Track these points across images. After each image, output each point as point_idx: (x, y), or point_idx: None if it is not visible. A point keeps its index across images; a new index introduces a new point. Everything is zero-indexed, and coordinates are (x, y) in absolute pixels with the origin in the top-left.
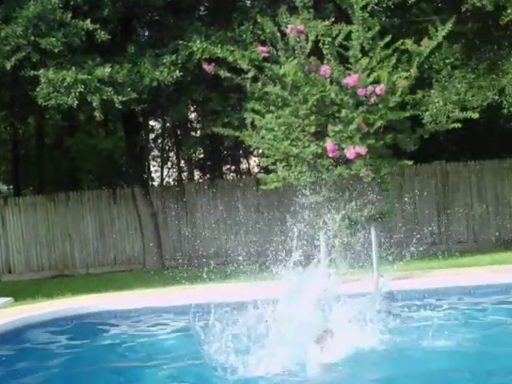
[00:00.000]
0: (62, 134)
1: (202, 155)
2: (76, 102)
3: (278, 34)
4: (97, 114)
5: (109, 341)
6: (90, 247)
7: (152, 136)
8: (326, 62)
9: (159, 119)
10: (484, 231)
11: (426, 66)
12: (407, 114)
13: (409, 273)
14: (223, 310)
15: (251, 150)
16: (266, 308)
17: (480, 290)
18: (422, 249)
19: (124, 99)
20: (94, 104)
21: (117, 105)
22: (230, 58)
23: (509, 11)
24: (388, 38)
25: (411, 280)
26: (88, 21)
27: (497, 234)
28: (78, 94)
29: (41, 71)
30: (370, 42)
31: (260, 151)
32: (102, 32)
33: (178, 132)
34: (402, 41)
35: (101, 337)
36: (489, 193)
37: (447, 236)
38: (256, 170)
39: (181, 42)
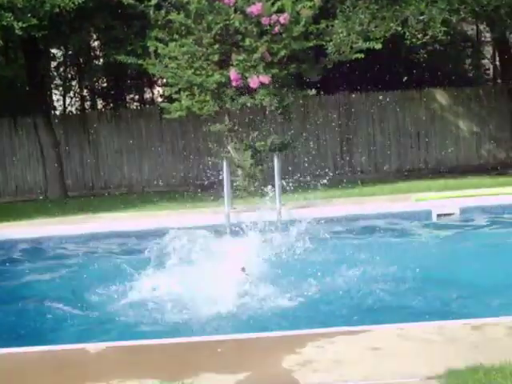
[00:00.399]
0: None
1: (105, 84)
2: None
3: None
4: None
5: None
6: None
7: (54, 64)
8: None
9: (61, 47)
10: (385, 161)
11: None
12: (311, 44)
13: (310, 202)
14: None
15: (155, 79)
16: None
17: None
18: (324, 179)
19: (24, 25)
20: None
21: (17, 31)
22: None
23: None
24: None
25: (312, 209)
26: None
27: (398, 163)
28: None
29: None
30: None
31: (164, 80)
32: None
33: (81, 60)
34: None
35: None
36: (391, 123)
37: (349, 166)
38: (160, 100)
39: None
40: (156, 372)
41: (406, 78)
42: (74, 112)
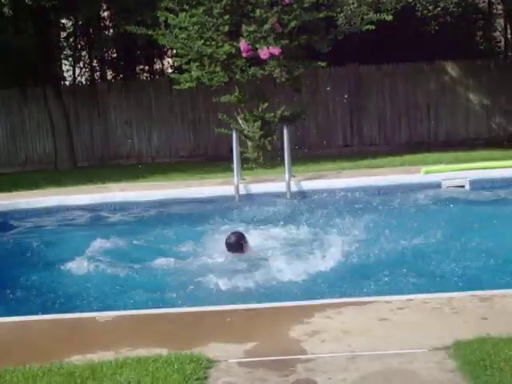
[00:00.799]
0: None
1: (114, 55)
2: None
3: None
4: (6, 10)
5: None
6: (1, 147)
7: (64, 34)
8: None
9: (71, 17)
10: (395, 134)
11: None
12: (322, 15)
13: (320, 173)
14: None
15: (165, 49)
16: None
17: (388, 189)
18: (334, 150)
19: None
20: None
21: (27, 1)
22: None
23: None
24: None
25: (321, 180)
26: None
27: (407, 136)
28: None
29: None
30: None
31: (174, 51)
32: None
33: (91, 31)
34: None
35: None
36: (401, 96)
37: (359, 138)
38: (170, 70)
39: None
40: (165, 341)
41: (416, 50)
42: (84, 83)
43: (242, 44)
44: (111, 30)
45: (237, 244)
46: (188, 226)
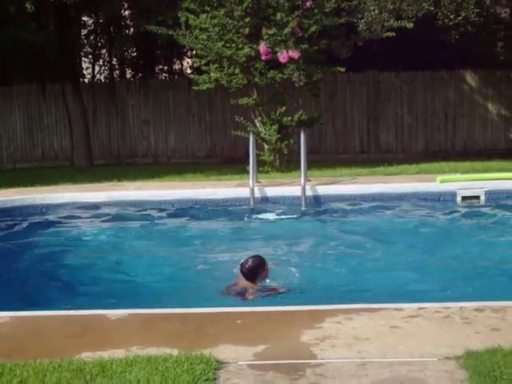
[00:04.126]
0: None
1: (134, 54)
2: None
3: None
4: (28, 5)
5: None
6: (18, 142)
7: (84, 32)
8: None
9: (92, 15)
10: (412, 142)
11: None
12: (342, 21)
13: (336, 178)
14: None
15: (184, 50)
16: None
17: (405, 196)
18: (350, 156)
19: None
20: None
21: None
22: None
23: None
24: None
25: (337, 186)
26: None
27: (424, 144)
28: None
29: None
30: None
31: (193, 52)
32: None
33: (111, 29)
34: None
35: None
36: (419, 104)
37: (375, 145)
38: (189, 71)
39: None
40: (175, 341)
41: (436, 58)
42: (103, 80)
43: (262, 47)
44: (132, 29)
45: (251, 272)
46: (202, 225)
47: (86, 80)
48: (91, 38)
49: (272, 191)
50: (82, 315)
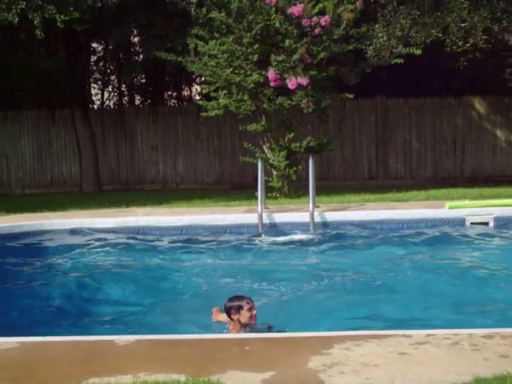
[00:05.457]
0: (0, 53)
1: (143, 80)
2: (17, 19)
3: None
4: (38, 32)
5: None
6: (27, 168)
7: (94, 58)
8: None
9: (102, 41)
10: (421, 168)
11: (372, 0)
12: (351, 47)
13: (344, 205)
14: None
15: (193, 76)
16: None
17: (413, 223)
18: (358, 182)
19: (66, 18)
20: (36, 22)
21: (59, 24)
22: None
23: None
24: None
25: (345, 212)
26: None
27: (433, 171)
28: (19, 10)
29: None
30: None
31: (202, 78)
32: None
33: (121, 55)
34: None
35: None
36: (427, 130)
37: (384, 171)
38: (197, 97)
39: None
40: (183, 367)
41: (444, 85)
42: (112, 106)
43: (271, 73)
44: (141, 56)
45: (224, 308)
46: (211, 251)
47: (96, 106)
48: (100, 64)
49: (280, 217)
50: (90, 341)
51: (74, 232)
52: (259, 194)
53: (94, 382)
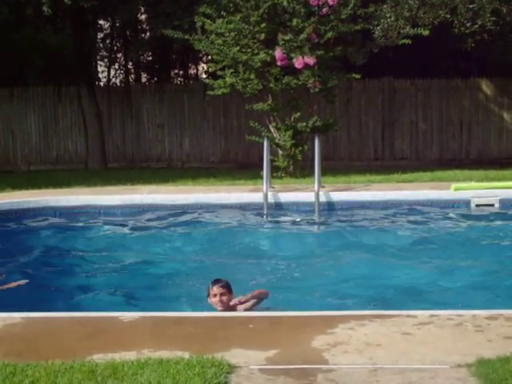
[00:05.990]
0: (8, 28)
1: (150, 58)
2: None
3: None
4: (45, 8)
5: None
6: (33, 144)
7: (101, 35)
8: None
9: (109, 18)
10: (426, 149)
11: None
12: (358, 28)
13: (349, 185)
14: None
15: (200, 55)
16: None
17: (419, 204)
18: (364, 163)
19: None
20: None
21: (66, 1)
22: None
23: None
24: None
25: (350, 192)
26: None
27: (439, 152)
28: None
29: None
30: None
31: (209, 57)
32: None
33: (127, 33)
34: None
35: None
36: (434, 112)
37: (390, 152)
38: (204, 76)
39: None
40: (187, 344)
41: (451, 66)
42: (118, 84)
43: (278, 52)
44: (148, 33)
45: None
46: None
47: (102, 83)
48: (107, 41)
49: (285, 197)
50: (94, 317)
51: (79, 209)
52: (264, 173)
53: (98, 357)
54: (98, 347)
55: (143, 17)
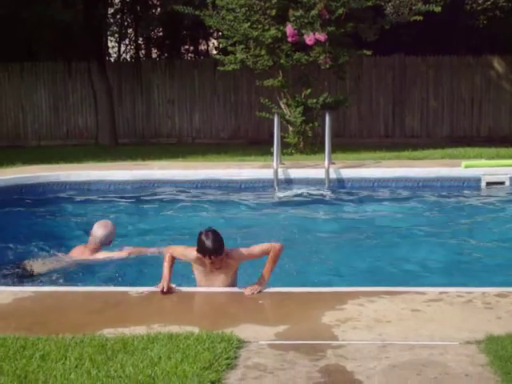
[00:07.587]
0: (18, 4)
1: (160, 33)
2: None
3: None
4: None
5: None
6: (43, 120)
7: (111, 11)
8: None
9: None
10: (437, 127)
11: None
12: (370, 4)
13: (360, 162)
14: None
15: (211, 31)
16: None
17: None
18: (374, 140)
19: None
20: None
21: None
22: None
23: None
24: None
25: (361, 169)
26: None
27: (449, 130)
28: None
29: None
30: None
31: (219, 33)
32: None
33: (138, 8)
34: None
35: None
36: (445, 89)
37: (400, 129)
38: (214, 52)
39: None
40: (197, 320)
41: (463, 43)
42: (129, 60)
43: (288, 28)
44: (158, 9)
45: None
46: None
47: (112, 59)
48: (118, 17)
49: (296, 173)
50: (104, 291)
51: (90, 184)
52: (275, 149)
53: (108, 331)
54: (107, 321)
55: None
